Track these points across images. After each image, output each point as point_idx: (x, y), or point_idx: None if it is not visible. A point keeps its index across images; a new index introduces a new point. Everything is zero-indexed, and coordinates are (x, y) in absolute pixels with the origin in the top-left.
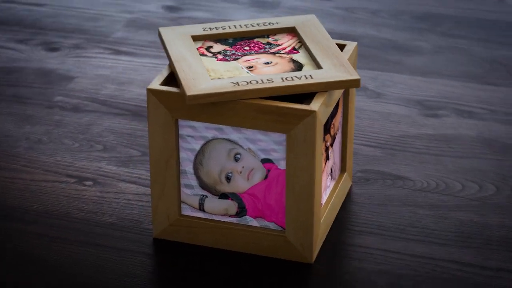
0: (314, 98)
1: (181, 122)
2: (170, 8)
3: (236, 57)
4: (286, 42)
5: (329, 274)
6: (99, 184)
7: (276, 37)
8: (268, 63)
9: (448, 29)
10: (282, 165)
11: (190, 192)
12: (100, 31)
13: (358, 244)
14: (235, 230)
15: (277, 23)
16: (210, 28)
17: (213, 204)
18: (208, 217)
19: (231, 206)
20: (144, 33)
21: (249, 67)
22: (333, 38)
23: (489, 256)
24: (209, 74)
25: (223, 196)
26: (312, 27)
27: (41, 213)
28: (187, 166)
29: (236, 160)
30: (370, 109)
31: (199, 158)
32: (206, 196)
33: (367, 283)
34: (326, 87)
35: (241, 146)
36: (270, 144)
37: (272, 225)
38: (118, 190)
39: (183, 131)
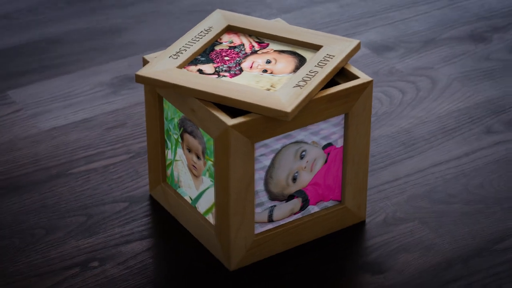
0: (351, 71)
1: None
2: None
3: (238, 68)
4: (243, 40)
5: (386, 218)
6: (107, 259)
7: (226, 39)
8: (270, 62)
9: None
10: (339, 143)
11: (261, 209)
12: None
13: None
14: (301, 225)
15: (210, 28)
16: (174, 55)
17: (281, 210)
18: (276, 225)
19: (296, 204)
20: None
21: (265, 71)
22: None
23: (465, 142)
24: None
25: (290, 197)
26: (239, 18)
27: None
28: (258, 186)
29: (302, 157)
30: None
31: (269, 172)
32: (275, 206)
33: (424, 210)
34: (348, 58)
35: (305, 143)
36: (331, 129)
37: (330, 203)
38: (133, 253)
39: (256, 153)
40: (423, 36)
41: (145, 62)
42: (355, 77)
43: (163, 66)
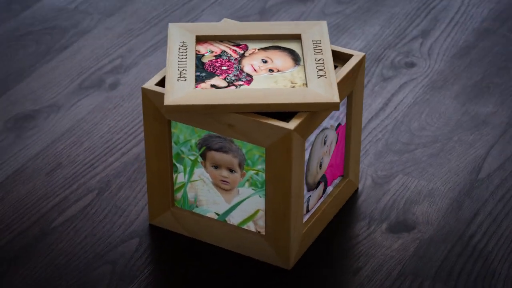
0: (336, 50)
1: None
2: None
3: (244, 74)
4: (219, 46)
5: (374, 180)
6: None
7: (203, 50)
8: (267, 61)
9: None
10: (343, 121)
11: (303, 203)
12: None
13: None
14: (326, 207)
15: (183, 43)
16: (180, 77)
17: (313, 198)
18: (310, 214)
19: (321, 189)
20: None
21: (271, 70)
22: None
23: (376, 94)
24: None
25: (317, 184)
26: (198, 27)
27: None
28: None
29: (325, 143)
30: None
31: (308, 165)
32: (309, 196)
33: (397, 162)
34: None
35: (327, 128)
36: (341, 109)
37: (338, 180)
38: (190, 282)
39: None
40: (254, 8)
41: (146, 92)
42: (346, 54)
43: (182, 90)
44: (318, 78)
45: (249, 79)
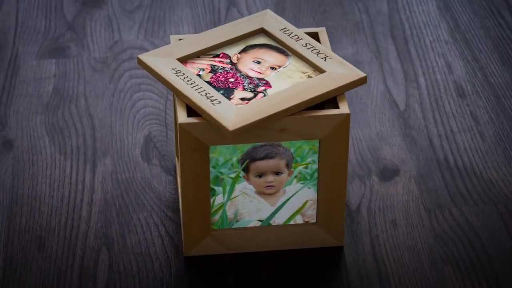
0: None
1: None
2: None
3: (255, 79)
4: (204, 62)
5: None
6: None
7: (194, 71)
8: (260, 62)
9: None
10: None
11: None
12: None
13: None
14: None
15: (175, 69)
16: (212, 100)
17: None
18: None
19: None
20: None
21: (274, 68)
22: None
23: None
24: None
25: None
26: (172, 49)
27: None
28: None
29: None
30: None
31: None
32: None
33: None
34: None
35: None
36: None
37: None
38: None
39: None
40: (62, 25)
41: (185, 126)
42: (310, 32)
43: (230, 112)
44: (325, 61)
45: (264, 82)
